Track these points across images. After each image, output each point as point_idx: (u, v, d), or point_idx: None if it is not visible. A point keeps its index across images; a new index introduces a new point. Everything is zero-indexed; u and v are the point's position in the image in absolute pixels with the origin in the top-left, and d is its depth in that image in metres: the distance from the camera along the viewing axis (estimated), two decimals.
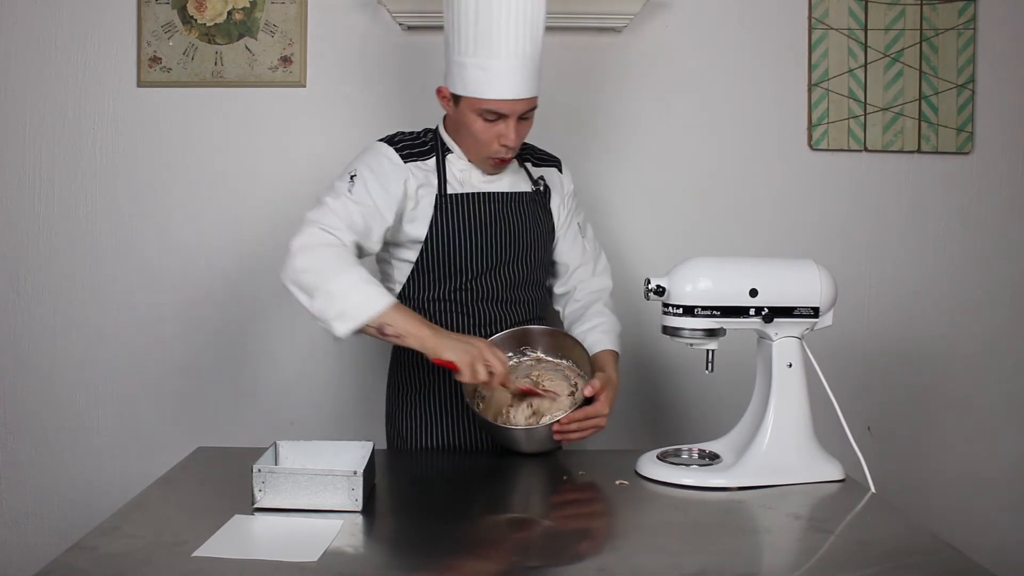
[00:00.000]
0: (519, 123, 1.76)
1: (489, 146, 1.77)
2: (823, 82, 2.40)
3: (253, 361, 2.42)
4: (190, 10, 2.35)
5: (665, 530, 1.41)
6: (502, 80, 1.71)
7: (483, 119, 1.74)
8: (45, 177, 2.39)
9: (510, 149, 1.78)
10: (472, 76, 1.72)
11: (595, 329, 1.90)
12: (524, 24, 1.70)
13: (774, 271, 1.64)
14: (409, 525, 1.43)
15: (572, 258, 1.99)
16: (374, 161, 1.80)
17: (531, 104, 1.76)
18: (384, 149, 1.82)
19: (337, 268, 1.64)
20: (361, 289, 1.62)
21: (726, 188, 2.43)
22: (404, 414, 1.90)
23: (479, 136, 1.76)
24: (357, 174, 1.76)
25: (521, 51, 1.71)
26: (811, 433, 1.64)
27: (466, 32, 1.71)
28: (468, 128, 1.77)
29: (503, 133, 1.75)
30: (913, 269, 2.46)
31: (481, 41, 1.70)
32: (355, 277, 1.63)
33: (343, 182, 1.76)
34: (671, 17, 2.39)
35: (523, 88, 1.73)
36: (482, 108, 1.73)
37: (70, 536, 1.42)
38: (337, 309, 1.61)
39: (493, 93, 1.71)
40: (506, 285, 1.87)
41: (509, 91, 1.72)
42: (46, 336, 2.41)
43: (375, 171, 1.77)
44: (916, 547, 1.33)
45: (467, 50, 1.72)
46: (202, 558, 1.23)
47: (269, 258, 2.39)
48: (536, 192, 1.92)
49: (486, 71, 1.70)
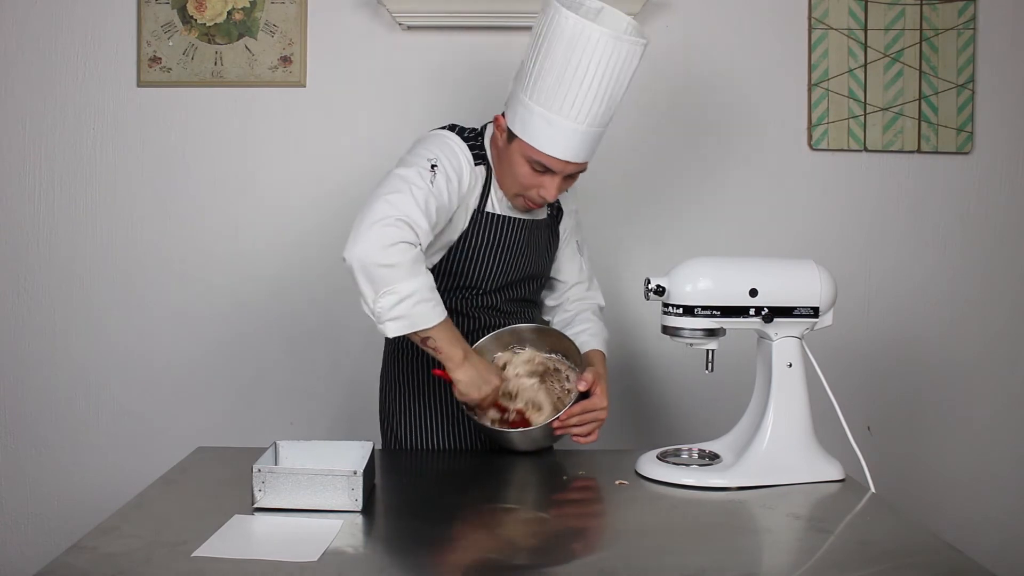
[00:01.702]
0: (564, 180, 1.73)
1: (526, 191, 1.74)
2: (823, 82, 2.40)
3: (253, 361, 2.42)
4: (190, 10, 2.35)
5: (665, 530, 1.41)
6: (565, 141, 1.66)
7: (531, 167, 1.70)
8: (45, 177, 2.39)
9: (548, 201, 1.75)
10: (535, 125, 1.66)
11: (583, 332, 1.91)
12: (607, 93, 1.65)
13: (774, 271, 1.64)
14: (409, 525, 1.43)
15: (569, 275, 1.99)
16: (452, 156, 1.72)
17: (582, 167, 1.73)
18: (458, 144, 1.75)
19: (411, 272, 1.56)
20: (427, 298, 1.58)
21: (726, 188, 2.43)
22: (398, 415, 1.90)
23: (521, 180, 1.72)
24: (439, 165, 1.68)
25: (592, 119, 1.66)
26: (811, 433, 1.63)
27: (545, 80, 1.64)
28: (512, 167, 1.73)
29: (545, 186, 1.71)
30: (913, 269, 2.46)
31: (557, 97, 1.64)
32: (423, 284, 1.58)
33: (425, 170, 1.66)
34: (671, 17, 2.39)
35: (582, 153, 1.69)
36: (534, 158, 1.68)
37: (70, 536, 1.42)
38: (397, 312, 1.56)
39: (551, 150, 1.66)
40: (508, 299, 1.88)
41: (569, 153, 1.67)
42: (46, 336, 2.41)
43: (454, 168, 1.70)
44: (916, 547, 1.33)
45: (539, 98, 1.65)
46: (202, 558, 1.23)
47: (269, 258, 2.40)
48: (550, 216, 1.91)
49: (551, 126, 1.65)
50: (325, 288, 2.39)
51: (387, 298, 1.55)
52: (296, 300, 2.40)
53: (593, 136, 1.69)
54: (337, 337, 2.41)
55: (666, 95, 2.41)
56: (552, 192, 1.72)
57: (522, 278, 1.87)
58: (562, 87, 1.63)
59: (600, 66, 1.62)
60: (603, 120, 1.69)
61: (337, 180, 2.38)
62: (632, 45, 1.64)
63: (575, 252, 2.00)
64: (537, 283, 1.94)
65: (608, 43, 1.62)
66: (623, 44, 1.63)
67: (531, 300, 1.95)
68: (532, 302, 1.96)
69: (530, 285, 1.91)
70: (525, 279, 1.88)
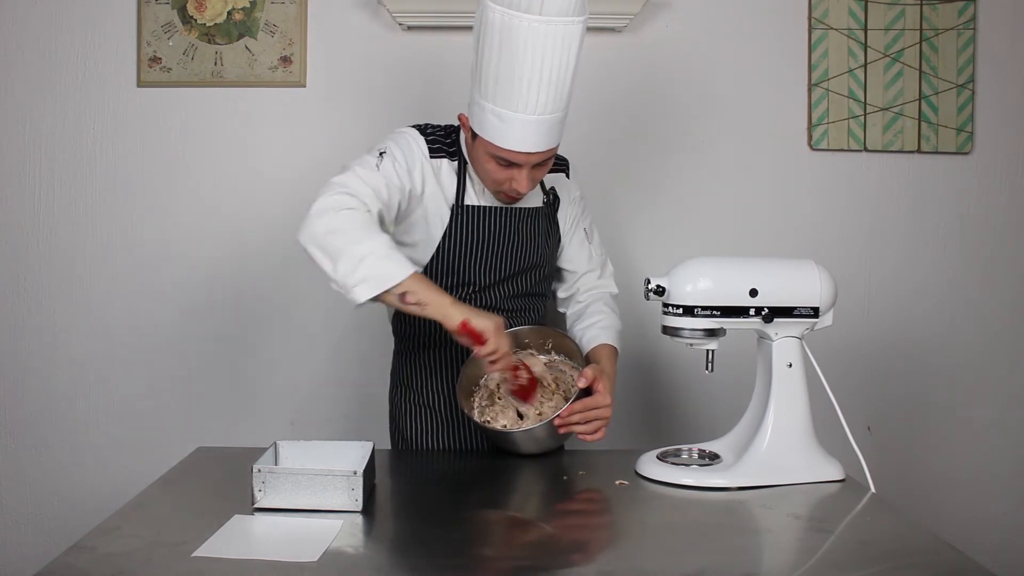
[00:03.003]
0: (534, 169, 1.72)
1: (500, 186, 1.74)
2: (823, 82, 2.40)
3: (253, 361, 2.42)
4: (190, 10, 2.35)
5: (665, 530, 1.41)
6: (518, 133, 1.64)
7: (496, 162, 1.70)
8: (45, 177, 2.39)
9: (521, 193, 1.74)
10: (489, 122, 1.66)
11: (594, 326, 1.90)
12: (549, 82, 1.61)
13: (774, 271, 1.64)
14: (409, 525, 1.43)
15: (579, 264, 1.98)
16: (404, 143, 1.76)
17: (549, 154, 1.71)
18: (414, 136, 1.78)
19: (363, 234, 1.56)
20: (387, 255, 1.56)
21: (726, 188, 2.43)
22: (407, 415, 1.90)
23: (491, 175, 1.73)
24: (387, 152, 1.72)
25: (542, 108, 1.63)
26: (811, 433, 1.63)
27: (488, 76, 1.63)
28: (481, 164, 1.73)
29: (515, 178, 1.71)
30: (913, 269, 2.46)
31: (501, 91, 1.62)
32: (380, 242, 1.57)
33: (372, 156, 1.71)
34: (671, 17, 2.39)
35: (540, 142, 1.67)
36: (496, 155, 1.68)
37: (70, 536, 1.42)
38: (361, 275, 1.54)
39: (507, 144, 1.65)
40: (509, 295, 1.87)
41: (525, 145, 1.65)
42: (46, 336, 2.41)
43: (404, 152, 1.73)
44: (916, 547, 1.33)
45: (487, 95, 1.65)
46: (202, 558, 1.23)
47: (269, 258, 2.40)
48: (546, 204, 1.90)
49: (503, 121, 1.64)
50: (325, 288, 2.38)
51: (344, 263, 1.54)
52: (297, 300, 2.40)
53: (549, 123, 1.65)
54: (338, 337, 2.41)
55: (665, 95, 2.41)
56: (524, 183, 1.71)
57: (520, 271, 1.86)
58: (505, 82, 1.61)
59: (536, 55, 1.58)
60: (556, 107, 1.65)
61: None
62: (566, 26, 1.58)
63: (583, 240, 1.98)
64: (539, 274, 1.91)
65: (538, 29, 1.57)
66: (555, 28, 1.57)
67: (536, 293, 1.93)
68: (538, 295, 1.94)
69: (531, 277, 1.89)
70: (524, 272, 1.87)
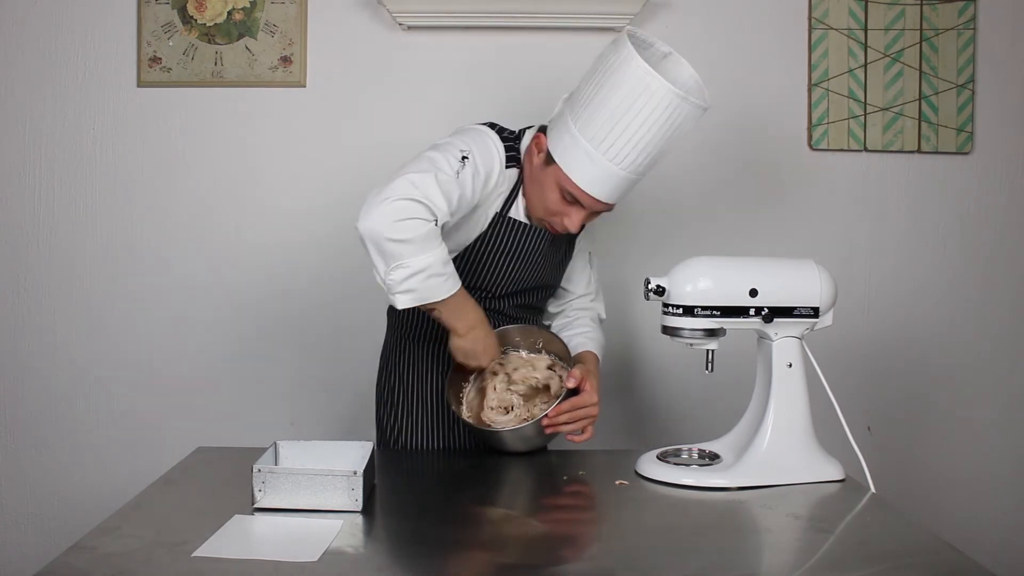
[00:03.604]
0: (589, 215, 1.72)
1: (551, 217, 1.73)
2: (823, 82, 2.40)
3: (253, 361, 2.42)
4: (190, 10, 2.35)
5: (665, 530, 1.41)
6: (603, 180, 1.65)
7: (561, 195, 1.69)
8: (45, 177, 2.39)
9: (568, 231, 1.74)
10: (577, 157, 1.64)
11: (580, 335, 1.91)
12: (657, 146, 1.63)
13: (774, 271, 1.64)
14: (409, 525, 1.43)
15: (577, 286, 1.98)
16: (487, 152, 1.70)
17: (611, 207, 1.72)
18: (497, 144, 1.73)
19: (423, 247, 1.56)
20: (438, 272, 1.58)
21: (726, 188, 2.43)
22: (390, 412, 1.90)
23: (548, 204, 1.71)
24: (471, 158, 1.67)
25: (633, 167, 1.65)
26: (811, 433, 1.63)
27: (598, 117, 1.62)
28: (543, 190, 1.71)
29: (571, 216, 1.70)
30: (913, 269, 2.46)
31: (607, 137, 1.62)
32: (435, 258, 1.57)
33: (455, 158, 1.65)
34: (671, 17, 2.39)
35: (617, 194, 1.68)
36: (567, 188, 1.67)
37: (70, 536, 1.42)
38: (408, 285, 1.57)
39: (587, 187, 1.65)
40: (515, 305, 1.88)
41: (604, 193, 1.66)
42: (46, 336, 2.41)
43: (485, 163, 1.69)
44: (916, 547, 1.33)
45: (588, 132, 1.63)
46: (202, 558, 1.23)
47: (269, 258, 2.40)
48: None
49: (593, 163, 1.63)
50: (326, 288, 2.39)
51: (398, 272, 1.56)
52: (296, 300, 2.40)
53: (631, 181, 1.68)
54: (338, 337, 2.41)
55: None
56: (576, 224, 1.71)
57: (533, 287, 1.87)
58: (614, 130, 1.61)
59: (658, 121, 1.60)
60: (645, 169, 1.67)
61: (337, 180, 2.38)
62: (693, 108, 1.62)
63: (586, 264, 1.99)
64: (547, 292, 1.94)
65: (671, 101, 1.59)
66: (686, 105, 1.61)
67: (538, 308, 1.95)
68: (539, 309, 1.96)
69: (539, 294, 1.91)
70: (536, 288, 1.88)
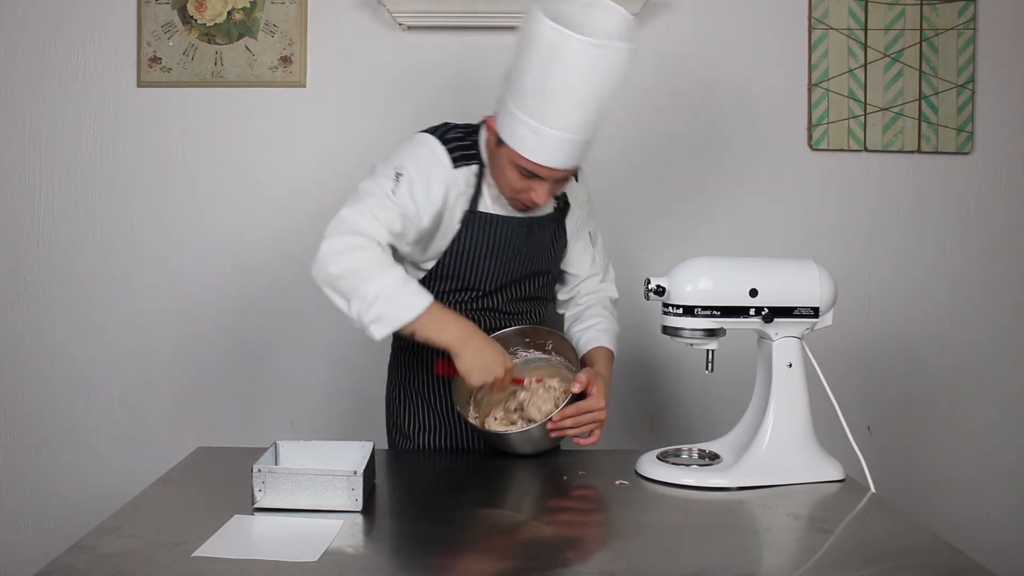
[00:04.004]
0: (553, 183, 1.70)
1: (519, 195, 1.72)
2: (823, 82, 2.40)
3: (253, 361, 2.42)
4: (190, 10, 2.35)
5: (665, 530, 1.41)
6: (551, 149, 1.62)
7: (519, 172, 1.68)
8: (45, 177, 2.39)
9: (538, 205, 1.73)
10: (520, 133, 1.63)
11: (592, 328, 1.89)
12: (588, 104, 1.60)
13: (774, 271, 1.64)
14: (409, 525, 1.43)
15: (581, 268, 1.97)
16: (423, 161, 1.71)
17: (573, 171, 1.71)
18: (435, 147, 1.72)
19: (374, 272, 1.59)
20: (398, 292, 1.59)
21: (726, 188, 2.43)
22: (404, 411, 1.90)
23: (511, 183, 1.70)
24: (404, 173, 1.67)
25: (576, 128, 1.61)
26: (811, 433, 1.63)
27: (528, 88, 1.60)
28: (502, 171, 1.71)
29: (536, 189, 1.68)
30: (913, 269, 2.46)
31: (539, 105, 1.60)
32: (392, 279, 1.59)
33: (387, 179, 1.66)
34: (671, 17, 2.39)
35: (567, 160, 1.65)
36: (521, 165, 1.65)
37: (70, 536, 1.42)
38: (374, 314, 1.58)
39: (536, 158, 1.63)
40: (512, 299, 1.86)
41: (553, 160, 1.64)
42: (46, 336, 2.41)
43: (423, 173, 1.69)
44: (916, 547, 1.33)
45: (524, 106, 1.61)
46: (202, 558, 1.23)
47: (269, 258, 2.40)
48: (557, 210, 1.88)
49: (537, 135, 1.61)
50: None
51: (358, 304, 1.58)
52: (296, 300, 2.40)
53: (580, 143, 1.64)
54: (338, 337, 2.41)
55: (666, 95, 2.41)
56: (543, 196, 1.70)
57: (524, 276, 1.85)
58: (544, 97, 1.59)
59: (582, 76, 1.57)
60: (589, 127, 1.64)
61: (337, 180, 2.37)
62: (615, 52, 1.57)
63: (588, 244, 1.97)
64: (542, 280, 1.90)
65: (588, 51, 1.55)
66: (605, 52, 1.56)
67: (538, 297, 1.92)
68: (539, 299, 1.93)
69: (534, 283, 1.88)
70: (527, 277, 1.86)
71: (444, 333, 1.62)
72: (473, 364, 1.62)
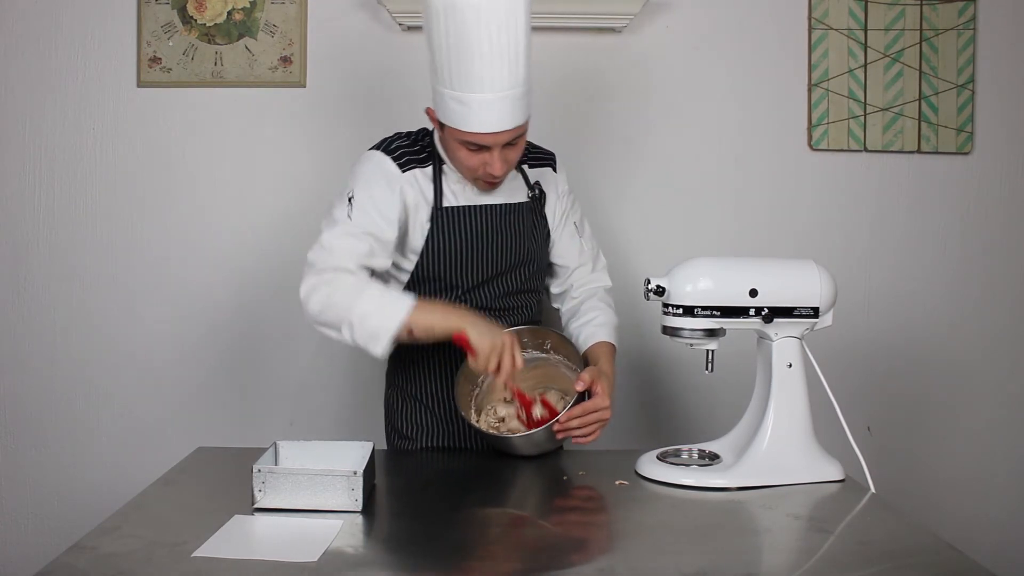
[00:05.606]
0: (505, 150, 1.69)
1: (475, 171, 1.72)
2: (823, 82, 2.40)
3: (253, 361, 2.42)
4: (190, 10, 2.35)
5: (665, 530, 1.41)
6: (481, 115, 1.62)
7: (466, 148, 1.68)
8: (45, 177, 2.39)
9: (497, 176, 1.72)
10: (451, 108, 1.64)
11: (590, 323, 1.88)
12: (501, 57, 1.58)
13: (774, 271, 1.64)
14: (409, 525, 1.43)
15: (570, 259, 1.96)
16: (370, 176, 1.74)
17: (517, 132, 1.68)
18: (380, 160, 1.76)
19: (350, 297, 1.63)
20: (380, 305, 1.63)
21: (726, 188, 2.43)
22: (402, 414, 1.90)
23: (465, 162, 1.71)
24: (354, 195, 1.71)
25: (499, 85, 1.60)
26: (811, 433, 1.64)
27: (441, 63, 1.62)
28: (454, 153, 1.72)
29: (488, 162, 1.68)
30: (913, 269, 2.46)
31: (455, 74, 1.60)
32: (369, 297, 1.63)
33: (341, 208, 1.71)
34: (671, 17, 2.39)
35: (504, 121, 1.63)
36: (464, 140, 1.66)
37: (70, 536, 1.42)
38: (367, 334, 1.62)
39: (471, 127, 1.63)
40: (501, 294, 1.85)
41: (488, 125, 1.63)
42: (46, 336, 2.41)
43: (372, 190, 1.72)
44: (916, 547, 1.33)
45: (444, 81, 1.63)
46: (202, 558, 1.23)
47: (269, 258, 2.40)
48: (532, 199, 1.87)
49: (464, 105, 1.62)
50: None
51: (347, 331, 1.63)
52: (296, 299, 2.38)
53: (510, 100, 1.62)
54: None
55: (665, 95, 2.41)
56: (497, 166, 1.68)
57: (507, 269, 1.84)
58: (458, 64, 1.60)
59: (482, 31, 1.56)
60: (513, 82, 1.62)
61: (337, 180, 2.36)
62: None
63: (573, 234, 1.96)
64: (528, 271, 1.88)
65: (480, 4, 1.54)
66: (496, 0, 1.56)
67: (527, 290, 1.90)
68: (529, 291, 1.91)
69: (520, 275, 1.87)
70: (511, 269, 1.85)
71: (440, 317, 1.64)
72: (479, 330, 1.62)
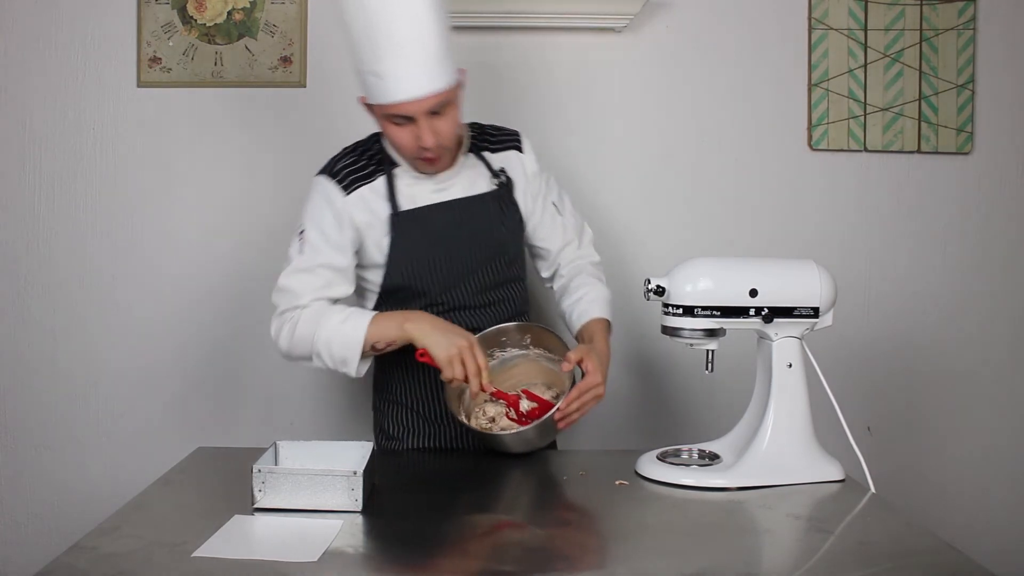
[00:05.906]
0: (433, 121, 1.66)
1: (410, 149, 1.71)
2: (823, 82, 2.40)
3: (253, 361, 2.42)
4: (190, 10, 2.35)
5: (665, 530, 1.41)
6: (394, 83, 1.63)
7: (394, 123, 1.68)
8: (45, 177, 2.39)
9: (431, 149, 1.70)
10: (371, 83, 1.66)
11: (582, 300, 1.87)
12: (412, 23, 1.61)
13: (774, 271, 1.64)
14: (409, 525, 1.43)
15: (553, 241, 1.94)
16: (317, 209, 1.77)
17: (439, 99, 1.65)
18: (324, 187, 1.78)
19: (311, 328, 1.70)
20: (340, 331, 1.69)
21: (726, 188, 2.43)
22: (388, 420, 1.90)
23: (397, 141, 1.71)
24: (304, 229, 1.77)
25: (410, 50, 1.62)
26: (811, 433, 1.63)
27: (356, 43, 1.66)
28: (388, 134, 1.73)
29: (418, 133, 1.67)
30: (913, 269, 2.46)
31: (367, 49, 1.64)
32: (327, 325, 1.70)
33: (294, 243, 1.77)
34: (671, 17, 2.39)
35: (422, 86, 1.63)
36: (389, 114, 1.67)
37: (70, 536, 1.42)
38: (338, 358, 1.70)
39: (388, 97, 1.64)
40: (478, 290, 1.82)
41: (404, 92, 1.63)
42: (46, 336, 2.41)
43: (320, 221, 1.76)
44: (916, 547, 1.33)
45: (360, 60, 1.67)
46: (202, 558, 1.23)
47: (269, 258, 2.39)
48: (498, 186, 1.84)
49: (379, 77, 1.64)
50: None
51: (319, 360, 1.72)
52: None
53: (424, 66, 1.63)
54: None
55: (665, 95, 2.41)
56: (428, 137, 1.67)
57: (479, 264, 1.81)
58: (368, 38, 1.63)
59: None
60: (421, 47, 1.63)
61: None
62: None
63: (554, 215, 1.93)
64: (502, 262, 1.85)
65: None
66: None
67: (506, 281, 1.86)
68: (509, 280, 1.87)
69: (494, 267, 1.84)
70: (484, 263, 1.82)
71: (395, 329, 1.68)
72: (434, 339, 1.65)
